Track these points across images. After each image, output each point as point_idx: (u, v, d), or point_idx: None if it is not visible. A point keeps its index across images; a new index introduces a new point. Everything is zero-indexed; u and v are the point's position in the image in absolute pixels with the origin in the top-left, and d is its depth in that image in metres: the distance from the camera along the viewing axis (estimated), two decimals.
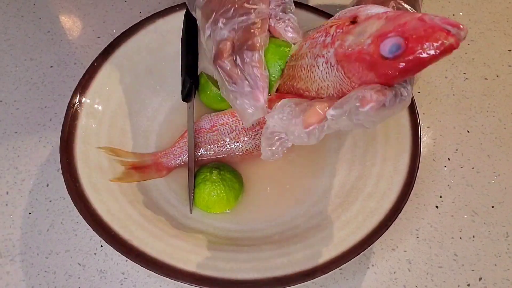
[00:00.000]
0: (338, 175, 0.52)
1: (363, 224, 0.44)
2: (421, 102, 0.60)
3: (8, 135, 0.57)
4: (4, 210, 0.52)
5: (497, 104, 0.60)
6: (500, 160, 0.56)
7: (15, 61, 0.64)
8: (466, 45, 0.66)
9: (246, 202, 0.51)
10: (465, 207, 0.53)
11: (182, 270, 0.42)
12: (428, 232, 0.51)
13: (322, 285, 0.48)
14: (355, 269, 0.49)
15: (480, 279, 0.49)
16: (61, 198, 0.53)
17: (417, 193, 0.54)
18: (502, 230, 0.52)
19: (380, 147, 0.50)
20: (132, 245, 0.43)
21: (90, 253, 0.50)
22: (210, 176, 0.49)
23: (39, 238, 0.51)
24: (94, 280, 0.48)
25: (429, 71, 0.63)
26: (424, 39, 0.29)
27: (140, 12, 0.68)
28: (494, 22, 0.68)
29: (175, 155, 0.52)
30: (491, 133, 0.58)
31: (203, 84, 0.55)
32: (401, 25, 0.30)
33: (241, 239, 0.47)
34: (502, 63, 0.64)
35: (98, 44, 0.65)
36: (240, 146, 0.52)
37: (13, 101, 0.60)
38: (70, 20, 0.68)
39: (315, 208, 0.50)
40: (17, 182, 0.54)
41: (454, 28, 0.29)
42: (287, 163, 0.54)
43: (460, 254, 0.50)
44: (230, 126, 0.53)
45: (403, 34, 0.30)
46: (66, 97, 0.57)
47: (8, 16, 0.68)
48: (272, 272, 0.42)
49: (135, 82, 0.55)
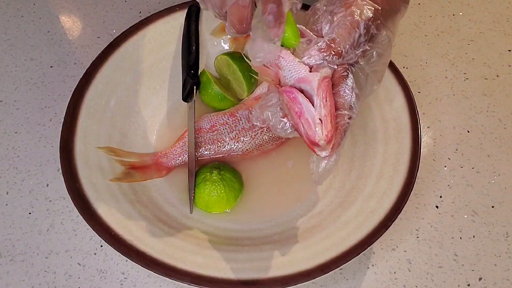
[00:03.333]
0: (338, 175, 0.52)
1: (363, 224, 0.44)
2: (421, 102, 0.60)
3: (8, 135, 0.57)
4: (4, 210, 0.52)
5: (497, 104, 0.60)
6: (500, 160, 0.56)
7: (15, 61, 0.64)
8: (466, 45, 0.66)
9: (246, 202, 0.51)
10: (465, 207, 0.53)
11: (182, 270, 0.42)
12: (428, 232, 0.51)
13: (322, 285, 0.48)
14: (355, 269, 0.49)
15: (480, 279, 0.49)
16: (61, 198, 0.53)
17: (417, 193, 0.54)
18: (502, 230, 0.52)
19: (380, 147, 0.50)
20: (132, 245, 0.43)
21: (90, 253, 0.50)
22: (210, 176, 0.49)
23: (39, 238, 0.51)
24: (94, 280, 0.48)
25: (429, 71, 0.63)
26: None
27: (140, 12, 0.68)
28: (494, 22, 0.68)
29: (175, 155, 0.52)
30: (491, 133, 0.58)
31: (205, 82, 0.55)
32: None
33: (241, 239, 0.47)
34: (502, 63, 0.64)
35: (98, 44, 0.65)
36: (240, 146, 0.52)
37: (13, 101, 0.60)
38: (70, 20, 0.68)
39: (315, 208, 0.50)
40: (17, 182, 0.54)
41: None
42: (287, 163, 0.54)
43: (460, 254, 0.50)
44: (230, 126, 0.53)
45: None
46: (66, 97, 0.57)
47: (8, 16, 0.68)
48: (272, 272, 0.42)
49: (135, 82, 0.55)
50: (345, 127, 0.39)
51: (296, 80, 0.38)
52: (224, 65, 0.57)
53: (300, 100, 0.37)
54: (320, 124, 0.36)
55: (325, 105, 0.37)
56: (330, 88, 0.38)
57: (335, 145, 0.38)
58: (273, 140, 0.53)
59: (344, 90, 0.39)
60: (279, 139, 0.53)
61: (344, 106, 0.39)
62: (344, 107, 0.39)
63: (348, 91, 0.39)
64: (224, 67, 0.57)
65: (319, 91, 0.37)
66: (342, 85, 0.39)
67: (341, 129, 0.38)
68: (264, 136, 0.53)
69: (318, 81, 0.37)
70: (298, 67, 0.39)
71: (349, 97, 0.39)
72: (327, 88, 0.37)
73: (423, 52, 0.65)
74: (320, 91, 0.37)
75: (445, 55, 0.65)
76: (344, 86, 0.39)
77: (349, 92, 0.39)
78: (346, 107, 0.39)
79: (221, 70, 0.58)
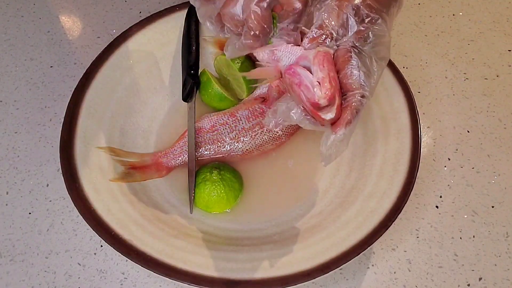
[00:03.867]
0: (338, 175, 0.52)
1: (363, 224, 0.44)
2: (421, 102, 0.60)
3: (8, 135, 0.57)
4: (4, 210, 0.52)
5: (497, 104, 0.60)
6: (500, 160, 0.56)
7: (15, 61, 0.64)
8: (466, 45, 0.66)
9: (246, 202, 0.51)
10: (465, 207, 0.53)
11: (182, 270, 0.42)
12: (428, 232, 0.51)
13: (322, 285, 0.48)
14: (355, 269, 0.49)
15: (480, 279, 0.49)
16: (61, 198, 0.53)
17: (417, 193, 0.54)
18: (502, 230, 0.52)
19: (380, 147, 0.50)
20: (132, 245, 0.43)
21: (90, 253, 0.50)
22: (210, 176, 0.49)
23: (39, 238, 0.51)
24: (94, 280, 0.48)
25: (429, 71, 0.63)
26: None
27: (140, 12, 0.68)
28: (494, 22, 0.68)
29: (175, 155, 0.52)
30: (491, 133, 0.58)
31: (205, 82, 0.55)
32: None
33: (241, 239, 0.47)
34: (502, 63, 0.64)
35: (98, 44, 0.65)
36: (240, 146, 0.52)
37: (13, 101, 0.60)
38: (70, 20, 0.68)
39: (315, 208, 0.50)
40: (17, 182, 0.54)
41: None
42: (287, 163, 0.54)
43: (460, 254, 0.50)
44: (230, 126, 0.53)
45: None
46: (66, 97, 0.57)
47: (8, 16, 0.68)
48: (272, 272, 0.42)
49: (135, 82, 0.55)
50: (356, 105, 0.38)
51: (295, 62, 0.39)
52: (223, 65, 0.57)
53: (298, 71, 0.37)
54: (318, 85, 0.36)
55: (322, 70, 0.37)
56: (328, 58, 0.38)
57: (344, 118, 0.37)
58: (273, 140, 0.53)
59: (350, 71, 0.38)
60: (279, 139, 0.53)
61: (352, 86, 0.38)
62: (353, 87, 0.38)
63: (355, 71, 0.38)
64: (224, 67, 0.57)
65: (315, 60, 0.37)
66: (347, 66, 0.39)
67: (352, 107, 0.37)
68: (264, 136, 0.53)
69: (314, 53, 0.38)
70: (293, 49, 0.39)
71: (357, 76, 0.38)
72: (324, 58, 0.38)
73: (423, 52, 0.65)
74: (316, 60, 0.37)
75: (445, 55, 0.65)
76: (349, 67, 0.39)
77: (356, 71, 0.38)
78: (357, 86, 0.38)
79: (220, 70, 0.58)
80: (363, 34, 0.40)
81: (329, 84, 0.37)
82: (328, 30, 0.39)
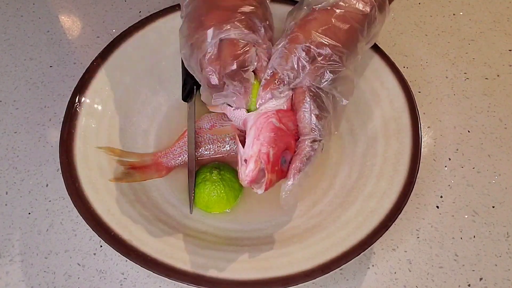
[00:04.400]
0: (338, 175, 0.52)
1: (363, 224, 0.44)
2: (422, 102, 0.60)
3: (8, 135, 0.57)
4: (3, 210, 0.52)
5: (497, 104, 0.60)
6: (500, 160, 0.56)
7: (15, 61, 0.63)
8: (467, 45, 0.66)
9: (246, 202, 0.51)
10: (466, 207, 0.53)
11: (182, 270, 0.42)
12: (429, 232, 0.51)
13: (322, 285, 0.48)
14: (355, 269, 0.49)
15: (480, 279, 0.49)
16: (61, 198, 0.53)
17: (417, 193, 0.54)
18: (503, 230, 0.51)
19: (380, 147, 0.50)
20: (131, 245, 0.43)
21: (90, 253, 0.50)
22: (210, 176, 0.48)
23: (38, 238, 0.50)
24: (94, 280, 0.48)
25: (430, 71, 0.63)
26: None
27: (140, 12, 0.68)
28: (494, 21, 0.68)
29: (175, 155, 0.52)
30: (492, 133, 0.58)
31: None
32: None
33: (241, 239, 0.47)
34: (502, 62, 0.64)
35: (97, 44, 0.65)
36: None
37: (13, 101, 0.60)
38: (69, 19, 0.68)
39: (315, 208, 0.50)
40: (16, 182, 0.54)
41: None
42: None
43: (461, 254, 0.50)
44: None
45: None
46: (65, 97, 0.57)
47: (7, 16, 0.68)
48: (272, 272, 0.42)
49: (135, 82, 0.55)
50: (306, 151, 0.40)
51: (241, 125, 0.42)
52: None
53: (238, 144, 0.40)
54: (245, 164, 0.38)
55: (254, 144, 0.38)
56: (266, 125, 0.39)
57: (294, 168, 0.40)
58: None
59: (303, 115, 0.40)
60: None
61: (304, 130, 0.41)
62: (304, 131, 0.40)
63: (307, 115, 0.40)
64: None
65: (250, 131, 0.39)
66: (301, 110, 0.41)
67: (302, 155, 0.40)
68: None
69: (253, 119, 0.40)
70: (238, 113, 0.42)
71: (308, 120, 0.40)
72: (262, 125, 0.39)
73: (423, 51, 0.65)
74: (253, 129, 0.39)
75: (446, 55, 0.65)
76: (302, 110, 0.41)
77: (307, 115, 0.40)
78: (307, 131, 0.40)
79: None
80: (318, 72, 0.41)
81: (253, 165, 0.38)
82: (279, 75, 0.41)
